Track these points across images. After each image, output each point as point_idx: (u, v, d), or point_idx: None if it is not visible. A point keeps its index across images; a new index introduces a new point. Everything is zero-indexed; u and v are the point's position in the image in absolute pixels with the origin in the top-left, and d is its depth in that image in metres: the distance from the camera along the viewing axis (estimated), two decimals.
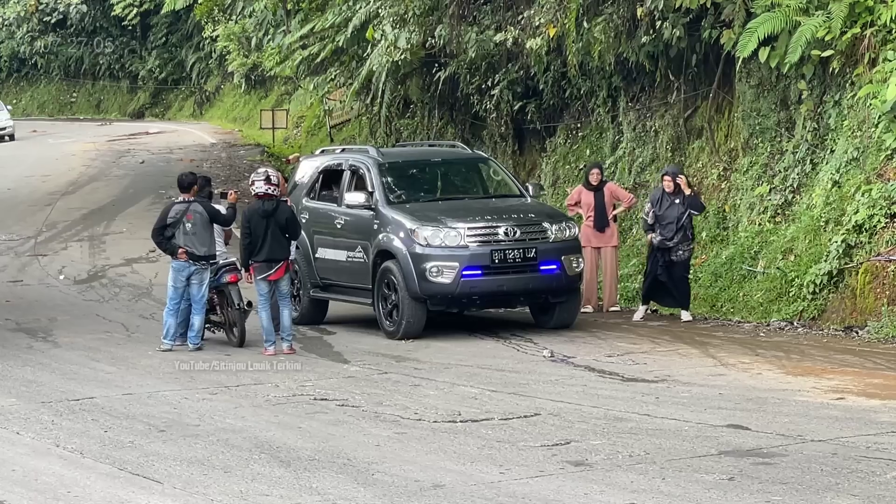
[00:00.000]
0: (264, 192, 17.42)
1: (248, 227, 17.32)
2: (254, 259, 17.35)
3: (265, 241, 17.28)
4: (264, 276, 17.32)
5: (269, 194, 17.42)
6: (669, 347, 16.91)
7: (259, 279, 17.34)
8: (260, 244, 17.30)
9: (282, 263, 17.43)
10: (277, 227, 17.33)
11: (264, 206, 17.37)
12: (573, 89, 25.73)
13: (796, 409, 12.87)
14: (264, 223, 17.30)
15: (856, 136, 18.91)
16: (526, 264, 18.07)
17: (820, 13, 19.21)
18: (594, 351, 16.81)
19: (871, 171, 18.22)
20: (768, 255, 19.69)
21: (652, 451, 11.23)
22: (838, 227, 18.25)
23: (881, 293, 17.29)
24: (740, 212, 21.23)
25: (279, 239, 17.37)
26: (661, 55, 22.55)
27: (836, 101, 19.67)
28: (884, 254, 17.43)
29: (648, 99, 23.90)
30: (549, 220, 18.57)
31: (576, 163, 25.79)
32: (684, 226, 18.95)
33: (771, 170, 20.89)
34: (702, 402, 13.30)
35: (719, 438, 11.63)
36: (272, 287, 17.47)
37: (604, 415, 12.83)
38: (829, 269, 18.00)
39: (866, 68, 18.75)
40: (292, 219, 17.59)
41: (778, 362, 15.54)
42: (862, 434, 11.62)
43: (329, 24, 31.89)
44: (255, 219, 17.34)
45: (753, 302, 19.20)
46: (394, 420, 12.91)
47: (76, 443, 12.18)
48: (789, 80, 20.51)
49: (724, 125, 22.41)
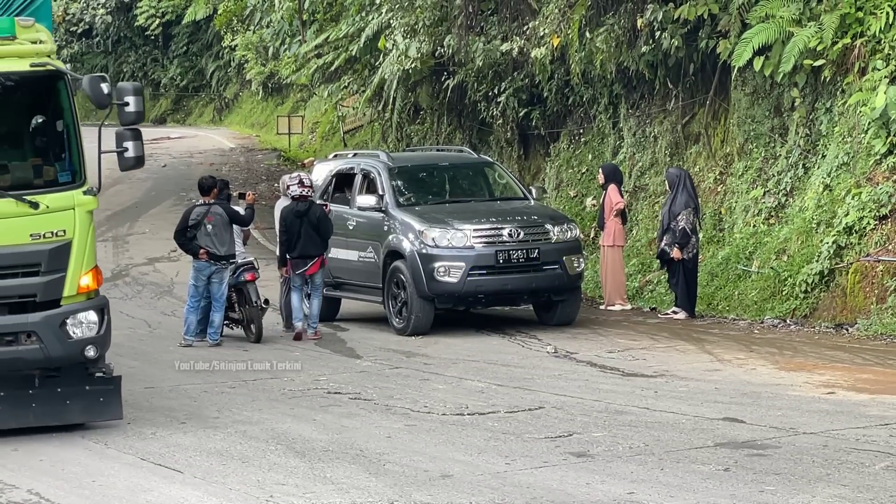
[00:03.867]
0: (299, 194, 18.01)
1: (284, 226, 18.06)
2: (290, 255, 17.93)
3: (299, 238, 17.87)
4: (301, 272, 17.90)
5: (304, 196, 17.98)
6: (667, 344, 16.89)
7: (296, 274, 17.93)
8: (295, 241, 17.87)
9: (316, 259, 17.92)
10: (310, 225, 17.86)
11: (298, 207, 17.93)
12: (576, 97, 25.70)
13: (789, 402, 12.86)
14: (298, 222, 17.86)
15: (846, 141, 18.88)
16: (529, 264, 18.07)
17: (812, 24, 19.18)
18: (595, 347, 16.80)
19: (861, 175, 18.20)
20: (762, 256, 19.67)
21: (651, 442, 11.23)
22: (829, 229, 18.23)
23: (870, 292, 17.27)
24: (736, 214, 21.20)
25: (312, 237, 17.90)
26: (660, 64, 22.53)
27: (827, 109, 19.64)
28: (873, 254, 17.41)
29: (648, 106, 23.87)
30: (552, 221, 18.58)
31: (578, 167, 25.76)
32: (670, 227, 19.00)
33: (765, 174, 20.86)
34: (698, 396, 13.30)
35: (715, 431, 11.63)
36: (306, 280, 18.01)
37: (605, 408, 12.82)
38: (820, 269, 17.98)
39: (856, 77, 18.72)
40: (323, 218, 18.02)
41: (771, 358, 15.53)
42: (851, 427, 11.62)
43: (343, 35, 31.88)
44: (290, 218, 17.93)
45: (748, 300, 19.17)
46: (404, 413, 12.91)
47: (101, 434, 12.19)
48: (782, 88, 20.47)
49: (720, 131, 22.38)
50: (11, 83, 11.97)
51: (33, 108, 12.71)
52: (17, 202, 11.66)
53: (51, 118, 12.49)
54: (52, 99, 12.31)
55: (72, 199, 11.92)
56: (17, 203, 11.66)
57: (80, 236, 11.88)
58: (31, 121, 12.78)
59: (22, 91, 12.30)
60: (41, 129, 12.68)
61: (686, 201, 19.16)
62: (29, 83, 12.13)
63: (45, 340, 11.75)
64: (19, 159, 12.48)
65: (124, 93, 11.91)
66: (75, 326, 11.89)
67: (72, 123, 12.14)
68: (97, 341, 11.99)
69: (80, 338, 11.89)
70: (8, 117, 12.62)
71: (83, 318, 11.93)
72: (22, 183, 11.99)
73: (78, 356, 11.94)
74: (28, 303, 11.78)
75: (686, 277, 19.17)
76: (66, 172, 12.20)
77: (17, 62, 11.83)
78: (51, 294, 11.80)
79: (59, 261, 11.76)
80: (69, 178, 12.13)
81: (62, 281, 11.81)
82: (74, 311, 11.88)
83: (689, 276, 19.20)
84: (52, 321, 11.78)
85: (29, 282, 11.75)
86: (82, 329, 11.91)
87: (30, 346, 11.75)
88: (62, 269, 11.79)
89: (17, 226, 11.68)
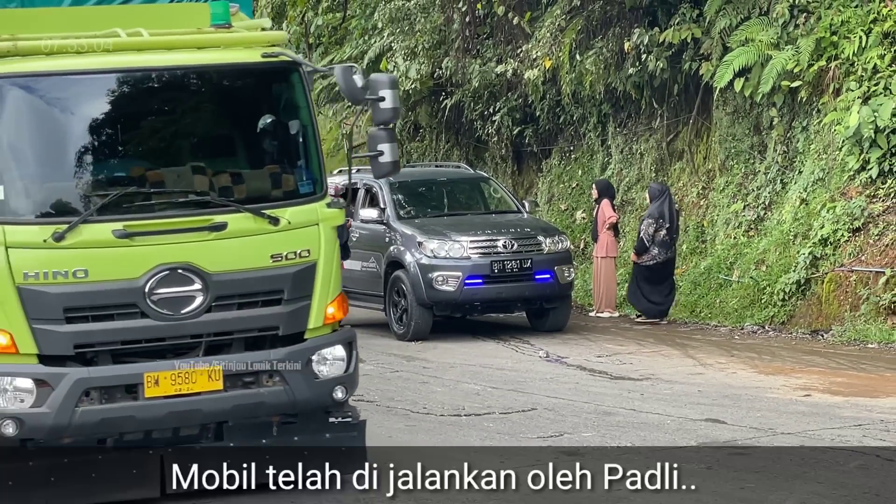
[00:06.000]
0: None
1: None
2: None
3: None
4: None
5: None
6: (653, 349, 16.88)
7: None
8: None
9: None
10: None
11: None
12: (567, 116, 25.69)
13: (768, 404, 12.85)
14: None
15: (821, 158, 18.89)
16: (522, 274, 18.07)
17: (789, 48, 19.21)
18: (585, 352, 16.78)
19: (836, 190, 18.20)
20: (742, 266, 19.66)
21: (637, 442, 11.21)
22: (806, 241, 18.22)
23: (844, 300, 17.26)
24: (717, 226, 21.20)
25: None
26: (646, 85, 22.53)
27: (803, 127, 19.65)
28: (847, 265, 17.41)
29: (634, 124, 23.87)
30: (544, 233, 18.59)
31: (569, 182, 25.74)
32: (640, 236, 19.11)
33: (745, 188, 20.86)
34: (682, 399, 13.28)
35: (698, 431, 11.61)
36: None
37: (594, 409, 12.80)
38: (797, 278, 17.97)
39: (831, 97, 18.74)
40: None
41: (751, 362, 15.52)
42: (827, 427, 11.60)
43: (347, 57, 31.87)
44: None
45: (729, 308, 19.16)
46: (404, 414, 12.89)
47: None
48: (761, 108, 20.48)
49: (702, 148, 22.38)
50: (239, 78, 9.64)
51: (263, 106, 9.91)
52: (255, 217, 9.26)
53: (283, 118, 9.84)
54: (284, 95, 9.77)
55: (315, 213, 9.49)
56: (256, 219, 9.26)
57: (326, 257, 9.50)
58: (260, 122, 9.95)
59: (250, 87, 9.80)
60: (272, 131, 9.90)
61: (653, 212, 19.18)
62: (257, 77, 9.67)
63: (290, 381, 9.33)
64: (251, 167, 9.80)
65: (379, 86, 9.43)
66: (321, 364, 9.49)
67: (309, 124, 9.68)
68: (346, 381, 9.59)
69: (328, 377, 9.50)
70: (236, 118, 9.89)
71: (329, 353, 9.53)
72: (258, 195, 9.49)
73: (326, 399, 9.54)
74: (266, 337, 9.37)
75: (638, 282, 19.21)
76: (306, 182, 9.69)
77: (244, 52, 9.46)
78: (294, 326, 9.40)
79: (303, 286, 9.38)
80: (310, 188, 9.63)
81: (307, 310, 9.42)
82: (320, 346, 9.48)
83: (640, 282, 19.19)
84: (297, 358, 9.39)
85: (270, 312, 9.32)
86: (328, 367, 9.52)
87: (273, 388, 9.32)
88: (307, 297, 9.40)
89: (255, 246, 9.27)
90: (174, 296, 9.06)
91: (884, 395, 13.22)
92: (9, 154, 9.00)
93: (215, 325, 9.19)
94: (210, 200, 9.30)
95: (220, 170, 9.55)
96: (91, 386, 8.92)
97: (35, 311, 8.84)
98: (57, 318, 8.87)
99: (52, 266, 8.85)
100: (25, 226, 8.91)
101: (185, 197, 9.34)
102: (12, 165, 9.01)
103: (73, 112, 9.27)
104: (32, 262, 8.86)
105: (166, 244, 9.07)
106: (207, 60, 9.39)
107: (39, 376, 8.86)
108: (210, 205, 9.28)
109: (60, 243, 8.84)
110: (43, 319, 8.85)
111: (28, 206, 9.03)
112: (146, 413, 9.02)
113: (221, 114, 9.82)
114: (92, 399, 8.94)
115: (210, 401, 9.15)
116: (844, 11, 18.68)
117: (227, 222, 9.18)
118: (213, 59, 9.39)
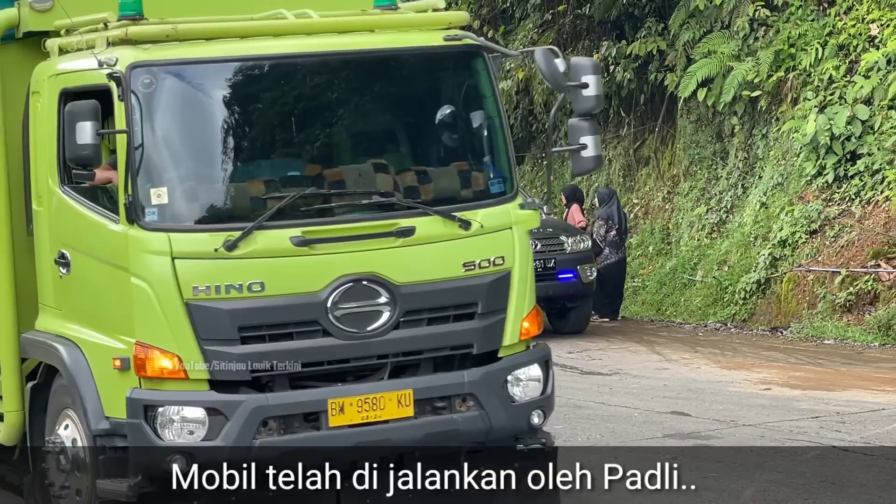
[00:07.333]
0: None
1: None
2: None
3: None
4: None
5: None
6: (621, 345, 16.92)
7: None
8: None
9: None
10: None
11: None
12: (539, 124, 25.77)
13: (730, 398, 12.89)
14: None
15: (780, 164, 19.01)
16: (546, 273, 17.77)
17: (750, 59, 19.35)
18: (556, 348, 16.64)
19: (794, 194, 18.33)
20: (706, 266, 19.75)
21: (606, 434, 11.24)
22: (765, 242, 18.33)
23: (802, 299, 17.37)
24: (682, 229, 21.29)
25: None
26: (613, 95, 22.63)
27: (763, 135, 19.78)
28: (804, 265, 17.53)
29: (603, 132, 23.98)
30: (565, 233, 18.25)
31: (542, 187, 25.76)
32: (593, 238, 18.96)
33: (708, 193, 20.97)
34: (649, 392, 13.33)
35: (664, 423, 11.65)
36: None
37: (565, 402, 12.81)
38: (757, 278, 18.07)
39: (789, 106, 18.87)
40: None
41: (714, 358, 15.57)
42: (786, 420, 11.66)
43: None
44: None
45: (693, 306, 19.24)
46: None
47: None
48: (723, 117, 20.60)
49: (667, 155, 22.48)
50: (419, 64, 8.08)
51: (446, 95, 8.25)
52: (444, 221, 7.70)
53: (468, 108, 8.18)
54: (469, 83, 8.16)
55: (508, 216, 7.94)
56: (445, 222, 7.70)
57: (522, 265, 7.96)
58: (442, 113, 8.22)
59: (431, 74, 8.20)
60: (457, 123, 8.22)
61: (602, 214, 19.15)
62: (439, 63, 8.11)
63: (486, 406, 7.70)
64: (437, 164, 8.15)
65: (582, 71, 7.96)
66: (515, 385, 7.89)
67: (496, 115, 8.11)
68: (543, 404, 8.05)
69: (524, 400, 7.92)
70: (418, 109, 8.22)
71: (524, 374, 7.95)
72: (446, 196, 7.87)
73: (522, 425, 7.96)
74: (455, 357, 7.78)
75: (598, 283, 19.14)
76: (496, 180, 8.12)
77: (423, 35, 7.95)
78: (489, 343, 7.81)
79: (498, 298, 7.83)
80: (500, 187, 8.07)
81: (502, 325, 7.85)
82: (516, 366, 7.90)
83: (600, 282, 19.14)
84: (494, 379, 7.78)
85: (463, 327, 7.74)
86: (523, 389, 7.93)
87: (467, 414, 7.69)
88: (502, 310, 7.84)
89: (445, 253, 7.71)
90: (360, 311, 7.48)
91: (839, 388, 13.27)
92: (171, 152, 7.50)
93: (404, 344, 7.59)
94: (396, 202, 7.68)
95: (403, 167, 7.92)
96: (270, 415, 7.32)
97: (206, 330, 7.27)
98: (231, 338, 7.30)
99: (224, 279, 7.29)
100: (193, 233, 7.35)
101: (368, 198, 7.69)
102: (176, 165, 7.49)
103: (240, 104, 7.71)
104: (202, 274, 7.30)
105: (348, 252, 7.47)
106: (386, 44, 7.88)
107: (211, 405, 7.27)
108: (395, 207, 7.67)
109: (233, 253, 7.27)
110: (215, 340, 7.28)
111: (195, 211, 7.48)
112: (330, 444, 7.41)
113: (401, 104, 8.18)
114: (270, 430, 7.34)
115: (400, 429, 7.54)
116: (801, 25, 18.83)
117: (414, 227, 7.59)
118: (392, 43, 7.89)
